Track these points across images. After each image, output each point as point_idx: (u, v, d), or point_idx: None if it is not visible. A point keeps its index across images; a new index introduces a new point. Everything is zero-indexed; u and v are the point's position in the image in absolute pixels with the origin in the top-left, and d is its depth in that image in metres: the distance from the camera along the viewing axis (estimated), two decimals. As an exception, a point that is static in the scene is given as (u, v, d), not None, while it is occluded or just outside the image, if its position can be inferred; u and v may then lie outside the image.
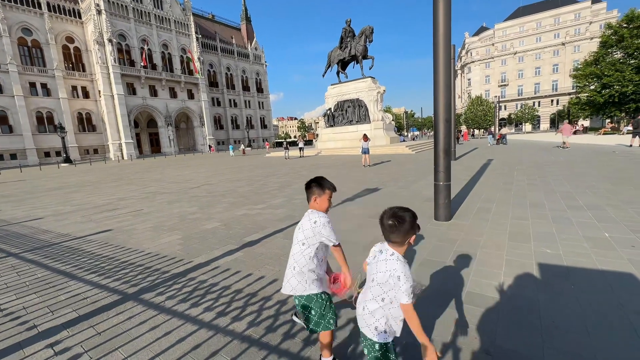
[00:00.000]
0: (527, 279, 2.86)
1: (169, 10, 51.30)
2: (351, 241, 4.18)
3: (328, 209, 1.96)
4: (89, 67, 46.52)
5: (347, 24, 26.72)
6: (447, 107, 4.75)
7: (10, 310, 2.82)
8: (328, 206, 1.95)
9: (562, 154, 14.27)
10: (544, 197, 6.06)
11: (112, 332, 2.38)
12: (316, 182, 1.97)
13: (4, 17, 38.47)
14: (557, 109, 64.24)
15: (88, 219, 6.63)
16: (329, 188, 1.96)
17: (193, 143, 57.97)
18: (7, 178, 21.29)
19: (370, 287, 1.49)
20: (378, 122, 25.10)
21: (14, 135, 39.98)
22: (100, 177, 17.82)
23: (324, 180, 1.99)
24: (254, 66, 72.24)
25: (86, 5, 44.50)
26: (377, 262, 1.48)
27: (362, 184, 9.04)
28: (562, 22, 64.14)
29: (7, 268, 3.94)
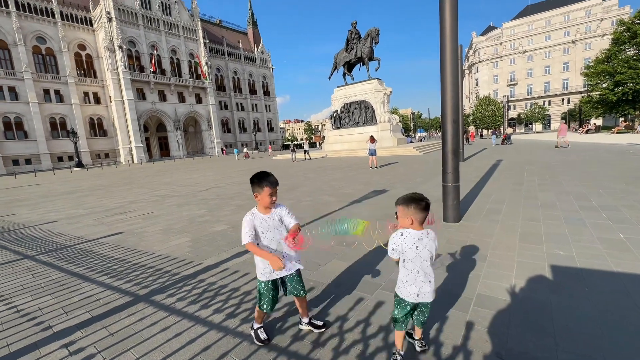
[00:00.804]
0: (539, 281, 2.81)
1: (177, 17, 52.20)
2: (358, 242, 4.17)
3: (271, 204, 2.04)
4: (100, 74, 47.59)
5: (353, 26, 26.79)
6: (455, 108, 4.71)
7: (27, 311, 2.90)
8: (270, 201, 2.02)
9: (571, 153, 13.98)
10: (555, 197, 5.95)
11: (124, 333, 2.42)
12: (255, 178, 2.03)
13: (19, 27, 39.70)
14: (569, 108, 63.02)
15: (100, 222, 6.76)
16: (267, 184, 1.99)
17: (201, 146, 58.66)
18: (22, 182, 21.88)
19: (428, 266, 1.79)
20: (385, 123, 25.02)
21: (29, 140, 41.11)
22: (111, 180, 18.16)
23: (263, 175, 2.02)
24: (261, 69, 72.86)
25: (97, 13, 45.62)
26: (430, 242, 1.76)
27: (369, 185, 9.01)
28: (572, 19, 63.04)
29: (23, 270, 4.05)
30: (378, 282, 3.00)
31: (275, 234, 2.09)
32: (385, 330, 2.24)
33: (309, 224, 5.36)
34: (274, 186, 2.01)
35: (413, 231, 1.73)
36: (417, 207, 1.69)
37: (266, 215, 2.08)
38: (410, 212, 1.70)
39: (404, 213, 1.73)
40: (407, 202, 1.71)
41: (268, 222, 2.07)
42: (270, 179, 2.00)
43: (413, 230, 1.73)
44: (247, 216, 2.06)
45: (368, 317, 2.43)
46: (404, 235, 1.74)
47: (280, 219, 2.11)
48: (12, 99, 39.80)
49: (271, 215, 2.09)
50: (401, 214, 1.74)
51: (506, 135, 26.78)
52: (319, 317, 2.44)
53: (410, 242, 1.73)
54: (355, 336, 2.20)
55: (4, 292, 3.38)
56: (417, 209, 1.69)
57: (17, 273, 3.96)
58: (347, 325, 2.33)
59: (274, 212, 2.10)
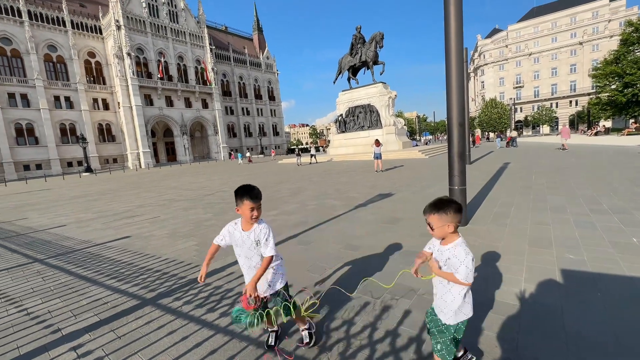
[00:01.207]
0: (550, 286, 2.75)
1: (184, 24, 53.09)
2: (364, 246, 4.14)
3: (251, 219, 1.92)
4: (109, 80, 48.50)
5: (357, 31, 26.92)
6: (461, 111, 4.69)
7: (36, 314, 2.94)
8: (250, 216, 1.90)
9: (580, 156, 13.76)
10: (565, 200, 5.85)
11: (132, 336, 2.43)
12: (238, 190, 1.92)
13: (32, 36, 40.76)
14: (577, 110, 62.23)
15: (108, 226, 6.84)
16: (248, 198, 1.88)
17: (207, 151, 59.18)
18: (33, 187, 22.29)
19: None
20: (390, 127, 24.98)
21: (40, 146, 41.96)
22: (119, 185, 18.41)
23: (246, 188, 1.91)
24: (266, 75, 73.50)
25: (107, 21, 46.64)
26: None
27: (375, 189, 8.98)
28: (578, 21, 62.47)
29: (33, 273, 4.11)
30: (384, 287, 2.97)
31: (247, 253, 1.99)
32: (392, 335, 2.21)
33: (313, 227, 5.35)
34: (255, 201, 1.89)
35: (461, 241, 1.57)
36: (455, 209, 1.54)
37: (245, 232, 1.97)
38: (449, 217, 1.53)
39: (441, 221, 1.54)
40: (442, 207, 1.54)
41: (243, 239, 1.97)
42: (252, 193, 1.88)
43: (458, 239, 1.56)
44: (230, 225, 2.03)
45: (375, 321, 2.40)
46: (468, 250, 1.55)
47: (258, 240, 1.95)
48: (24, 105, 40.76)
49: (249, 233, 1.96)
50: (438, 223, 1.55)
51: (510, 138, 27.05)
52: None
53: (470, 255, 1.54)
54: (362, 341, 2.18)
55: (15, 295, 3.43)
56: (457, 211, 1.54)
57: (27, 276, 4.02)
58: (354, 330, 2.31)
59: (253, 230, 1.96)
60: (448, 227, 1.54)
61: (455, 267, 1.52)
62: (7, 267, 4.44)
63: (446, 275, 1.58)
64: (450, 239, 1.58)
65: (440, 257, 1.61)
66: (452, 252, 1.55)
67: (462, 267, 1.51)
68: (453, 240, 1.57)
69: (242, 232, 1.98)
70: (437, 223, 1.55)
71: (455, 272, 1.54)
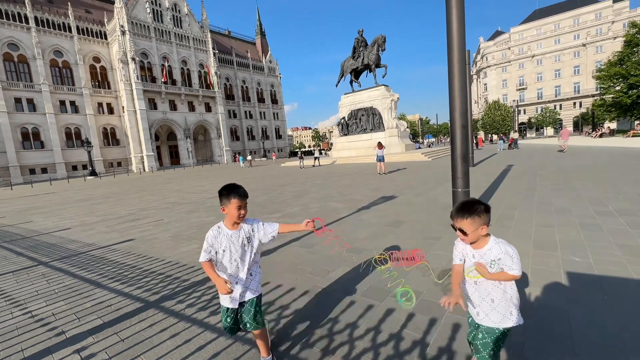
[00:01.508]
0: (556, 289, 2.72)
1: (188, 29, 53.65)
2: (367, 249, 4.13)
3: (239, 218, 1.88)
4: (113, 85, 49.06)
5: (360, 34, 27.03)
6: (463, 113, 4.68)
7: (40, 317, 2.95)
8: (237, 215, 1.87)
9: (585, 158, 13.65)
10: (570, 203, 5.80)
11: (135, 339, 2.44)
12: (223, 190, 1.89)
13: (38, 42, 41.40)
14: (581, 112, 61.85)
15: (112, 229, 6.88)
16: (235, 196, 1.85)
17: (210, 154, 59.47)
18: (38, 191, 22.51)
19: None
20: (392, 129, 24.97)
21: (45, 150, 42.44)
22: (123, 188, 18.53)
23: (231, 187, 1.88)
24: (269, 78, 73.93)
25: (112, 27, 47.28)
26: None
27: (378, 191, 8.96)
28: (581, 22, 62.29)
29: (37, 276, 4.14)
30: (387, 290, 2.95)
31: (239, 253, 1.91)
32: (396, 339, 2.19)
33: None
34: (242, 198, 1.86)
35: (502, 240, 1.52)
36: (484, 209, 1.48)
37: (232, 231, 1.91)
38: (483, 219, 1.47)
39: (474, 224, 1.47)
40: (473, 210, 1.48)
41: (232, 238, 1.90)
42: (239, 191, 1.86)
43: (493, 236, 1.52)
44: (212, 231, 1.90)
45: (378, 324, 2.39)
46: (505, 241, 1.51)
47: (249, 236, 1.93)
48: (30, 110, 41.31)
49: (238, 231, 1.91)
50: (472, 227, 1.47)
51: (512, 140, 27.41)
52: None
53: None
54: (366, 344, 2.16)
55: (19, 297, 3.45)
56: (486, 211, 1.49)
57: (32, 279, 4.04)
58: (357, 333, 2.30)
59: (242, 227, 1.92)
60: (482, 230, 1.48)
61: (508, 263, 1.45)
62: (12, 270, 4.48)
63: (499, 276, 1.49)
64: (484, 240, 1.52)
65: (483, 260, 1.52)
66: (497, 250, 1.48)
67: (515, 260, 1.45)
68: (487, 240, 1.51)
69: (230, 232, 1.90)
70: (470, 227, 1.48)
71: (509, 269, 1.46)
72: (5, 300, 3.40)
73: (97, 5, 51.74)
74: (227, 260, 1.91)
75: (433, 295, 2.75)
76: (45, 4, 44.21)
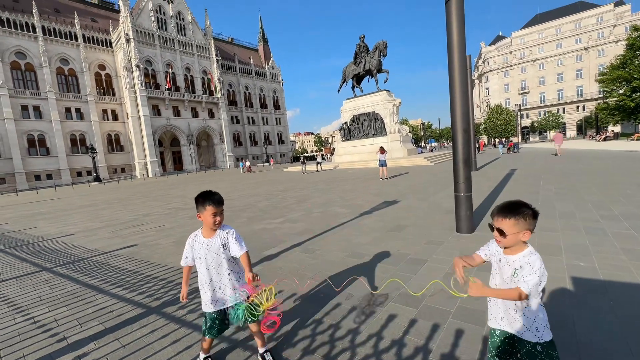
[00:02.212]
0: (560, 294, 2.69)
1: (192, 36, 54.38)
2: (369, 254, 4.11)
3: (214, 225, 1.89)
4: (118, 92, 49.66)
5: (361, 40, 27.25)
6: (465, 117, 4.68)
7: (43, 322, 2.95)
8: (213, 222, 1.87)
9: (591, 161, 13.56)
10: (574, 206, 5.75)
11: (136, 345, 2.43)
12: (198, 197, 1.90)
13: (45, 50, 42.12)
14: (584, 115, 61.62)
15: (115, 235, 6.91)
16: (210, 203, 1.86)
17: (213, 160, 59.76)
18: (43, 197, 22.69)
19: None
20: (395, 134, 25.00)
21: (50, 156, 42.89)
22: (127, 194, 18.64)
23: (206, 194, 1.89)
24: (271, 84, 74.52)
25: (117, 35, 48.06)
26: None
27: (380, 196, 8.94)
28: (583, 26, 62.38)
29: (41, 282, 4.15)
30: (390, 296, 2.93)
31: (216, 260, 1.95)
32: (397, 345, 2.17)
33: (318, 235, 5.33)
34: (217, 205, 1.87)
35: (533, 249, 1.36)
36: (532, 214, 1.33)
37: (207, 239, 1.95)
38: (527, 223, 1.31)
39: (517, 227, 1.31)
40: (519, 210, 1.32)
41: (208, 246, 1.94)
42: (214, 198, 1.87)
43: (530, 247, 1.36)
44: (189, 238, 2.00)
45: (380, 330, 2.37)
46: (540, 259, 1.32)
47: (224, 244, 1.95)
48: (36, 117, 41.88)
49: (213, 238, 1.95)
50: (513, 229, 1.32)
51: (512, 144, 28.24)
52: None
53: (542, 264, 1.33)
54: (368, 350, 2.14)
55: (22, 303, 3.46)
56: (534, 216, 1.33)
57: (35, 285, 4.06)
58: (359, 339, 2.28)
59: (218, 234, 1.95)
60: (523, 235, 1.32)
61: (524, 276, 1.30)
62: (16, 276, 4.50)
63: (498, 293, 1.36)
64: (520, 247, 1.36)
65: (505, 268, 1.40)
66: (526, 259, 1.33)
67: (533, 276, 1.28)
68: (523, 249, 1.36)
69: (205, 240, 1.95)
70: (511, 229, 1.32)
71: (520, 281, 1.30)
72: (8, 306, 3.41)
73: (102, 14, 52.65)
74: (204, 268, 1.96)
75: (435, 301, 2.72)
76: (52, 14, 45.06)
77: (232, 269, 2.00)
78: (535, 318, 1.37)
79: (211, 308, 1.99)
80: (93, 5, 53.63)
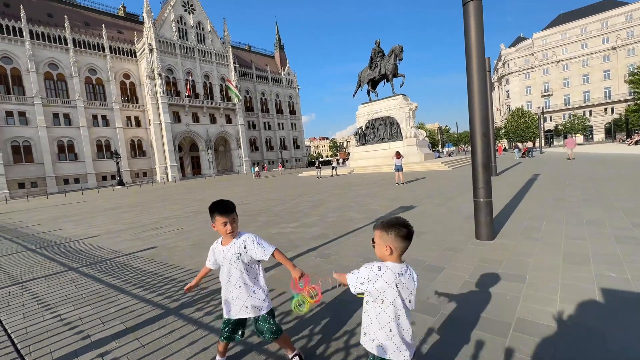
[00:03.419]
0: (589, 306, 2.54)
1: (211, 45, 56.17)
2: (386, 261, 4.04)
3: (227, 233, 1.91)
4: (141, 99, 51.80)
5: (377, 45, 27.20)
6: (484, 120, 4.56)
7: (68, 320, 3.08)
8: (224, 231, 1.90)
9: (620, 167, 12.84)
10: (603, 214, 5.45)
11: (155, 345, 2.49)
12: (210, 207, 1.92)
13: (75, 61, 44.66)
14: (613, 118, 58.63)
15: (136, 237, 7.14)
16: (217, 213, 1.88)
17: (230, 165, 60.96)
18: (71, 200, 23.84)
19: (408, 306, 1.43)
20: (411, 138, 24.66)
21: (78, 161, 45.15)
22: (148, 198, 19.28)
23: (216, 204, 1.90)
24: (287, 90, 75.56)
25: (141, 45, 50.31)
26: (410, 281, 1.43)
27: (396, 202, 8.81)
28: (610, 25, 59.74)
29: (67, 281, 4.34)
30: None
31: (230, 269, 1.95)
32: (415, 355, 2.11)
33: (333, 240, 5.31)
34: (227, 214, 1.87)
35: (392, 264, 1.40)
36: (399, 233, 1.38)
37: (224, 247, 1.98)
38: (390, 239, 1.39)
39: (382, 240, 1.41)
40: (387, 226, 1.41)
41: (224, 254, 1.96)
42: (221, 208, 1.87)
43: (392, 263, 1.41)
44: (213, 245, 2.09)
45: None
46: (382, 269, 1.39)
47: (239, 252, 1.92)
48: (66, 124, 44.30)
49: (229, 247, 1.95)
50: (378, 240, 1.43)
51: (527, 149, 29.71)
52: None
53: (390, 277, 1.37)
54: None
55: (51, 301, 3.63)
56: (399, 236, 1.38)
57: (62, 284, 4.25)
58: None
59: (233, 243, 1.95)
60: (386, 250, 1.40)
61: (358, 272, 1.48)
62: (45, 275, 4.73)
63: (343, 278, 1.55)
64: (389, 259, 1.43)
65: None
66: (372, 264, 1.48)
67: (352, 276, 1.48)
68: (388, 260, 1.43)
69: (222, 248, 1.99)
70: (376, 240, 1.45)
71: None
72: (37, 304, 3.58)
73: (128, 25, 55.30)
74: (224, 275, 1.99)
75: (454, 310, 2.64)
76: (82, 26, 47.76)
77: (243, 282, 1.95)
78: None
79: (224, 313, 2.04)
80: (119, 17, 56.46)
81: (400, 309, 1.40)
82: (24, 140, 40.76)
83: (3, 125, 38.98)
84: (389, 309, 1.40)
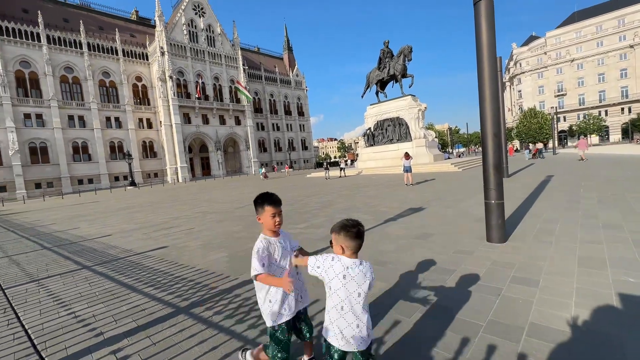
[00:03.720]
0: (606, 312, 2.47)
1: (220, 47, 56.92)
2: (393, 262, 4.01)
3: (275, 226, 1.87)
4: (152, 101, 52.83)
5: (385, 45, 27.07)
6: (496, 121, 4.49)
7: (82, 317, 3.16)
8: (273, 223, 1.86)
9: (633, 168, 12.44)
10: (620, 217, 5.29)
11: (166, 343, 2.52)
12: (258, 198, 1.91)
13: (89, 64, 45.87)
14: (631, 118, 56.92)
15: (148, 237, 7.27)
16: (269, 203, 1.86)
17: (239, 166, 61.54)
18: (85, 200, 24.44)
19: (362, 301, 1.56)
20: (420, 139, 24.44)
21: (92, 162, 46.32)
22: (159, 198, 19.61)
23: (265, 195, 1.90)
24: (296, 91, 75.90)
25: (152, 48, 51.34)
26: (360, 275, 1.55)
27: (405, 203, 8.74)
28: (627, 22, 58.07)
29: (81, 279, 4.45)
30: (416, 306, 2.84)
31: (287, 260, 1.91)
32: (424, 358, 2.09)
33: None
34: (276, 205, 1.87)
35: (344, 258, 1.57)
36: (347, 234, 1.55)
37: (277, 239, 1.91)
38: (341, 239, 1.56)
39: (335, 240, 1.60)
40: (339, 229, 1.58)
41: (278, 245, 1.89)
42: (272, 199, 1.87)
43: (345, 257, 1.58)
44: (261, 243, 1.84)
45: (407, 341, 2.29)
46: (334, 260, 1.57)
47: (287, 242, 1.97)
48: (80, 126, 45.52)
49: (281, 239, 1.93)
50: (334, 241, 1.61)
51: (537, 150, 29.75)
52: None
53: (338, 269, 1.55)
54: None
55: (65, 298, 3.73)
56: (347, 236, 1.55)
57: (77, 281, 4.35)
58: (383, 349, 2.22)
59: (282, 235, 1.95)
60: (339, 249, 1.58)
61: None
62: (60, 272, 4.85)
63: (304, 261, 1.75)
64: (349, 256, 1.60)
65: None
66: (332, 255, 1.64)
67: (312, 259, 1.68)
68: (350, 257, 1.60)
69: (276, 240, 1.90)
70: (332, 241, 1.63)
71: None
72: (53, 301, 3.68)
73: (140, 29, 56.50)
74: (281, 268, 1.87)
75: (466, 314, 2.60)
76: (96, 31, 49.04)
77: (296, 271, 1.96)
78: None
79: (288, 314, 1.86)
80: (132, 21, 57.75)
81: (344, 299, 1.54)
82: (41, 142, 42.04)
83: (21, 127, 40.29)
84: (333, 297, 1.58)
